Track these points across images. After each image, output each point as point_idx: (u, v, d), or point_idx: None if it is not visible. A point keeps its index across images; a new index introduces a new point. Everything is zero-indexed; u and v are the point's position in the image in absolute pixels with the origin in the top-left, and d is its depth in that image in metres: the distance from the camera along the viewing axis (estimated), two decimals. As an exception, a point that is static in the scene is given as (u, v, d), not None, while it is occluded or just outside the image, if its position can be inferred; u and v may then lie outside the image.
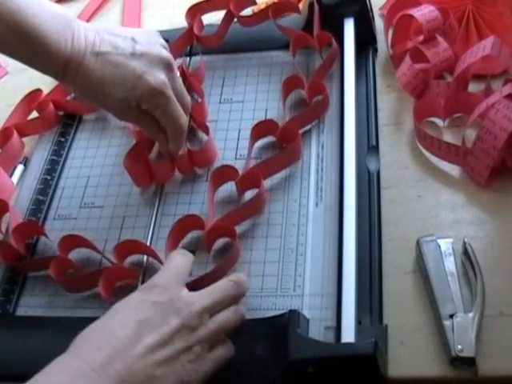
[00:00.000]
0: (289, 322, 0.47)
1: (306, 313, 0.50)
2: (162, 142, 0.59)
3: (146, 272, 0.56)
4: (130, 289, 0.51)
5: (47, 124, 0.70)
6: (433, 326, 0.48)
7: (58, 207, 0.63)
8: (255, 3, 0.71)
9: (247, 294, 0.51)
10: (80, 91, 0.56)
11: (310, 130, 0.62)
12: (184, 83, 0.62)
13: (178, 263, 0.50)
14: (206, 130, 0.63)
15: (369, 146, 0.60)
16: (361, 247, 0.52)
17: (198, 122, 0.64)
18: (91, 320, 0.51)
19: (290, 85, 0.64)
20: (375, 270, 0.51)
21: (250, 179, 0.57)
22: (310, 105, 0.63)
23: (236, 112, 0.66)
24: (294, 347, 0.45)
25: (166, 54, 0.56)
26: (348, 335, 0.46)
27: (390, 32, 0.67)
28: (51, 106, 0.70)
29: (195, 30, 0.70)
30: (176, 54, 0.68)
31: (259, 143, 0.62)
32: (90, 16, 0.88)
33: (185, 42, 0.71)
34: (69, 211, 0.63)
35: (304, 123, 0.62)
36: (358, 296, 0.48)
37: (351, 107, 0.60)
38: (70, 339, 0.43)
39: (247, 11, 0.79)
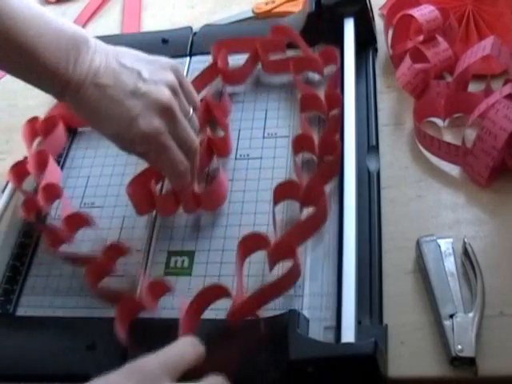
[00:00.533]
0: (289, 322, 0.47)
1: (305, 313, 0.50)
2: (167, 177, 0.57)
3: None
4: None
5: None
6: (433, 326, 0.48)
7: (58, 207, 0.63)
8: (284, 50, 0.68)
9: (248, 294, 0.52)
10: (78, 114, 0.53)
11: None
12: (209, 116, 0.62)
13: (180, 351, 0.44)
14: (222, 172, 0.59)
15: (369, 146, 0.60)
16: (361, 247, 0.51)
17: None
18: (91, 320, 0.51)
19: (300, 144, 0.60)
20: (375, 270, 0.51)
21: (283, 250, 0.51)
22: (320, 162, 0.59)
23: (236, 112, 0.66)
24: (294, 347, 0.45)
25: (167, 97, 0.52)
26: (348, 335, 0.45)
27: (390, 32, 0.67)
28: None
29: (219, 65, 0.67)
30: (199, 87, 0.66)
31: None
32: (90, 16, 0.88)
33: (209, 77, 0.68)
34: (69, 211, 0.63)
35: (324, 182, 0.56)
36: (358, 296, 0.48)
37: (351, 107, 0.59)
38: (70, 339, 0.42)
39: (247, 11, 0.79)
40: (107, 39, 0.83)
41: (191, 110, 0.56)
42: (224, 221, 0.58)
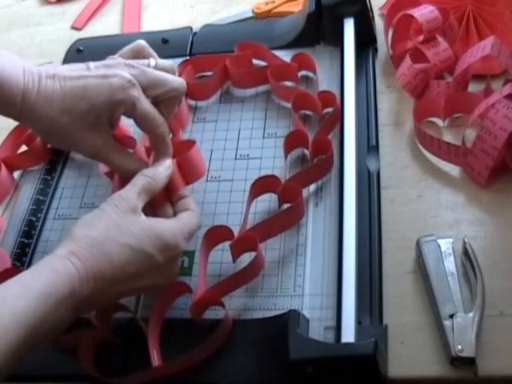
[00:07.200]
0: (289, 321, 0.47)
1: (306, 313, 0.50)
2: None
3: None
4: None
5: (37, 158, 0.68)
6: (433, 326, 0.48)
7: (57, 207, 0.63)
8: (253, 67, 0.67)
9: (247, 294, 0.52)
10: (43, 128, 0.52)
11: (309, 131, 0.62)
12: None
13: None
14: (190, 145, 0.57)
15: (369, 146, 0.60)
16: (361, 247, 0.52)
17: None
18: (90, 319, 0.51)
19: (292, 141, 0.60)
20: (375, 270, 0.51)
21: (246, 243, 0.52)
22: (312, 161, 0.59)
23: (236, 112, 0.66)
24: (294, 347, 0.45)
25: (120, 59, 0.54)
26: (348, 335, 0.45)
27: (390, 32, 0.67)
28: (39, 139, 0.67)
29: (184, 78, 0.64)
30: None
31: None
32: (90, 16, 0.88)
33: None
34: (69, 211, 0.63)
35: (306, 182, 0.57)
36: (358, 296, 0.48)
37: (351, 107, 0.59)
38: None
39: (247, 11, 0.79)
40: (107, 39, 0.83)
41: (151, 60, 0.56)
42: (224, 220, 0.58)
